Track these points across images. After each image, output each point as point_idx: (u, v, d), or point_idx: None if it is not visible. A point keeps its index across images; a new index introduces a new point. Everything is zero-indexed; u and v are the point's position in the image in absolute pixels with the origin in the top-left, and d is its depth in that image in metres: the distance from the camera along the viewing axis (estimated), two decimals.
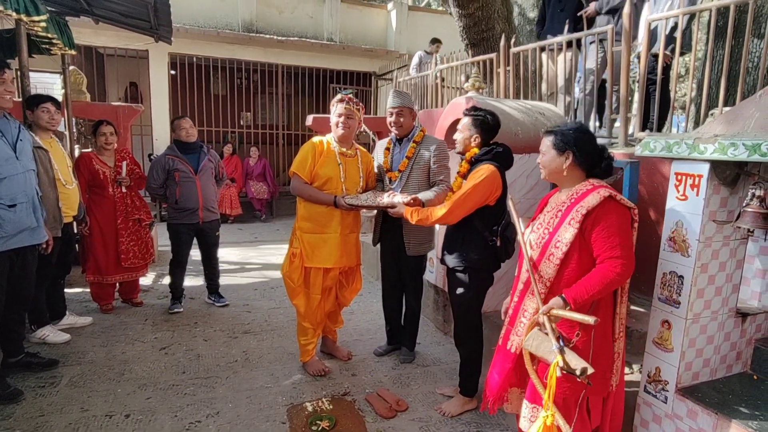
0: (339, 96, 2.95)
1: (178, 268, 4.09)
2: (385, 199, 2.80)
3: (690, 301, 1.95)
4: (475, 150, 2.56)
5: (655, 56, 3.70)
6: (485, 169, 2.44)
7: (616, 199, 1.78)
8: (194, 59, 8.80)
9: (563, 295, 1.78)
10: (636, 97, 3.84)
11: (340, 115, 2.92)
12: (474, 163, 2.55)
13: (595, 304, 1.82)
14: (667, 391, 2.05)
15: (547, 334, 1.77)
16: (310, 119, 6.28)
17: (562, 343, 1.72)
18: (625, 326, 1.93)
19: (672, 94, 3.59)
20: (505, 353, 2.03)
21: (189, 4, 8.53)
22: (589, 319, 1.67)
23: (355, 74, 9.99)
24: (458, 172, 2.63)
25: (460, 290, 2.62)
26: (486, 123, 2.54)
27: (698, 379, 2.08)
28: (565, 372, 1.70)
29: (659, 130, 3.76)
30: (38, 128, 3.22)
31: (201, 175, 3.97)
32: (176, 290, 4.12)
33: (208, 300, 4.32)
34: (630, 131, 3.77)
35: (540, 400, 1.82)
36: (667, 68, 3.79)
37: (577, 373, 1.65)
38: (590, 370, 1.65)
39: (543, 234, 1.91)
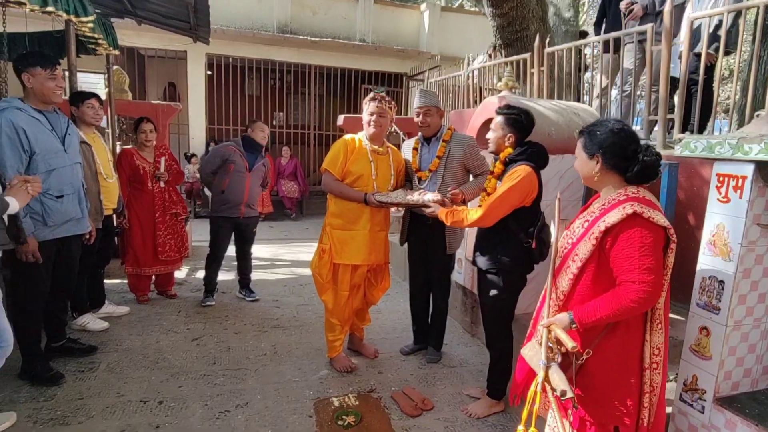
0: (371, 94, 2.98)
1: (214, 262, 4.19)
2: (416, 197, 2.81)
3: (731, 308, 1.88)
4: (510, 150, 2.51)
5: (698, 56, 3.58)
6: (521, 170, 2.38)
7: (644, 216, 1.59)
8: (230, 60, 9.02)
9: (571, 312, 1.69)
10: (677, 98, 3.71)
11: (372, 114, 2.94)
12: (508, 163, 2.50)
13: (612, 326, 1.70)
14: (704, 400, 1.98)
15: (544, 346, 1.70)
16: (341, 119, 6.34)
17: (558, 360, 1.66)
18: (666, 357, 1.76)
19: (715, 96, 3.46)
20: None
21: (226, 6, 8.74)
22: (568, 343, 1.58)
23: (386, 75, 10.03)
24: (492, 173, 2.60)
25: (492, 292, 2.59)
26: (520, 121, 2.49)
27: (738, 390, 2.00)
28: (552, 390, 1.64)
29: (701, 132, 3.64)
30: (82, 123, 3.36)
31: (253, 173, 4.11)
32: (210, 284, 4.23)
33: (239, 294, 4.41)
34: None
35: (563, 410, 1.76)
36: (710, 68, 3.66)
37: (557, 393, 1.58)
38: (569, 395, 1.55)
39: (567, 244, 1.82)
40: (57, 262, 2.80)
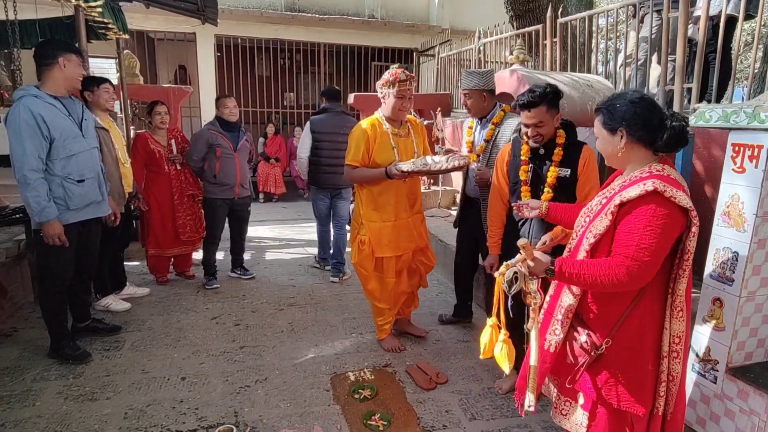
0: (402, 75, 2.76)
1: (212, 244, 4.21)
2: (443, 162, 2.68)
3: (745, 278, 1.87)
4: (562, 132, 2.33)
5: (714, 21, 3.47)
6: (591, 151, 2.22)
7: (665, 195, 1.46)
8: (239, 41, 8.97)
9: (556, 260, 1.58)
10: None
11: (401, 97, 2.76)
12: (567, 147, 2.33)
13: (629, 314, 1.59)
14: (717, 370, 1.99)
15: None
16: (351, 98, 6.31)
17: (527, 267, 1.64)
18: (687, 345, 1.66)
19: (734, 63, 3.37)
20: (542, 354, 1.77)
21: None
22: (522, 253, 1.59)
23: (396, 51, 9.89)
24: (553, 161, 2.34)
25: None
26: (557, 97, 2.26)
27: (751, 360, 2.00)
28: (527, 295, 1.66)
29: (718, 101, 3.55)
30: (97, 108, 3.38)
31: (239, 152, 4.10)
32: (210, 266, 4.22)
33: (233, 274, 4.44)
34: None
35: (574, 394, 1.73)
36: (728, 35, 3.55)
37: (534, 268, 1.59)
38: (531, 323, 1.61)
39: (584, 221, 1.73)
40: (79, 246, 2.88)
